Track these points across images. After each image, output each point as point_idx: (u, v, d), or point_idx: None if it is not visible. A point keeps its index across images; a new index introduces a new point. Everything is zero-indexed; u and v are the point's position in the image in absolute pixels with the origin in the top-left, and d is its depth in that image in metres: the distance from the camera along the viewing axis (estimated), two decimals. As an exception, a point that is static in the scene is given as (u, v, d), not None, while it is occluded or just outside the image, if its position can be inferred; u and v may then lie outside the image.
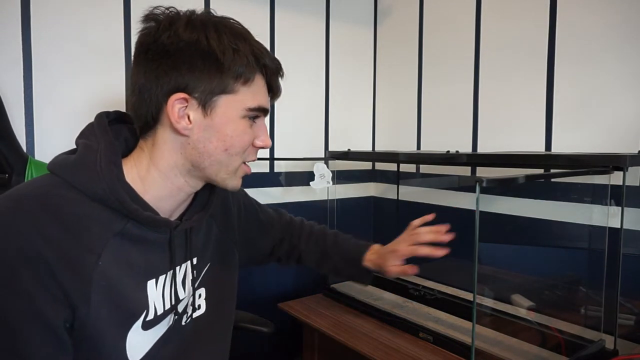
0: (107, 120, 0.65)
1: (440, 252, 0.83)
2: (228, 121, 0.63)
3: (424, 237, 0.87)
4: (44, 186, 0.59)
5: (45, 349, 0.56)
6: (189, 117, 0.62)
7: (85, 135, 0.65)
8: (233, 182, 0.68)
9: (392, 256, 0.88)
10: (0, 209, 0.56)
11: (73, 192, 0.58)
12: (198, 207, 0.73)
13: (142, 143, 0.66)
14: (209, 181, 0.68)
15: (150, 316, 0.65)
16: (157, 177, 0.64)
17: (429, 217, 0.90)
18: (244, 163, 0.69)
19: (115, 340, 0.60)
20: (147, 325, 0.64)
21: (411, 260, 0.88)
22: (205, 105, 0.62)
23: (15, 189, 0.59)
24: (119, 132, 0.66)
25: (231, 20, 0.65)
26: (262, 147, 0.69)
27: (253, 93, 0.64)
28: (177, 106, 0.61)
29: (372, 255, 0.92)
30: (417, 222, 0.90)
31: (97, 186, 0.58)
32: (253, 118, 0.66)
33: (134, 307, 0.62)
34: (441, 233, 0.86)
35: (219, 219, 0.82)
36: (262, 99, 0.66)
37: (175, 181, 0.65)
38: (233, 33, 0.62)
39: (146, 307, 0.64)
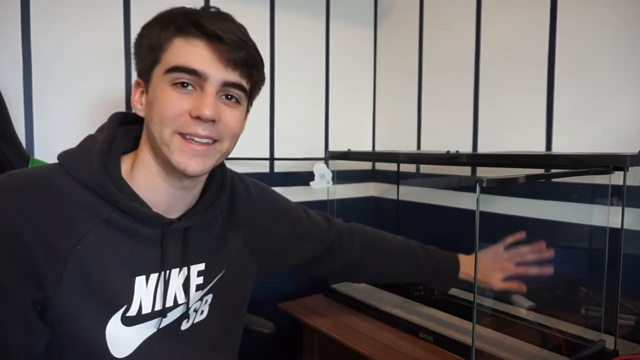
0: (121, 120, 0.68)
1: (547, 270, 0.94)
2: (156, 91, 0.62)
3: (530, 257, 0.97)
4: (40, 169, 0.62)
5: (11, 325, 0.57)
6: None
7: (97, 130, 0.69)
8: (174, 159, 0.61)
9: (499, 274, 0.99)
10: None
11: (66, 178, 0.61)
12: (202, 207, 0.70)
13: None
14: (168, 163, 0.63)
15: (132, 312, 0.63)
16: (141, 166, 0.65)
17: (521, 235, 1.00)
18: (182, 136, 0.61)
19: (91, 329, 0.60)
20: (128, 321, 0.63)
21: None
22: (146, 83, 0.64)
23: (17, 170, 0.63)
24: (129, 131, 0.69)
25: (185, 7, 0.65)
26: (198, 117, 0.60)
27: (171, 55, 0.61)
28: (136, 90, 0.66)
29: (466, 268, 1.03)
30: (510, 239, 1.00)
31: (85, 172, 0.60)
32: (184, 84, 0.61)
33: (112, 298, 0.61)
34: (543, 251, 0.96)
35: (247, 228, 0.80)
36: (181, 59, 0.60)
37: (152, 168, 0.65)
38: (167, 11, 0.64)
39: (128, 301, 0.63)
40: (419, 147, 1.58)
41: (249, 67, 0.63)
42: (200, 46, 0.60)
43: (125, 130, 0.68)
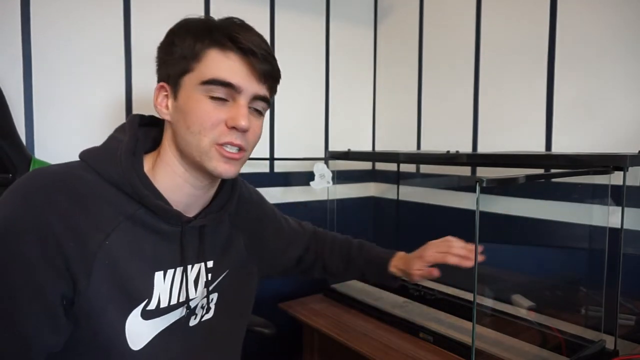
0: (139, 121, 0.71)
1: (468, 264, 0.85)
2: (188, 99, 0.65)
3: (456, 250, 0.87)
4: (67, 166, 0.64)
5: (37, 320, 0.58)
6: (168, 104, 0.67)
7: (116, 131, 0.71)
8: (211, 165, 0.65)
9: (417, 261, 0.90)
10: (23, 180, 0.60)
11: (93, 175, 0.63)
12: (216, 207, 0.74)
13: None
14: (198, 167, 0.67)
15: (152, 306, 0.66)
16: (164, 166, 0.68)
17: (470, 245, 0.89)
18: (219, 145, 0.65)
19: (114, 323, 0.62)
20: (147, 315, 0.65)
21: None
22: (175, 89, 0.66)
23: (42, 167, 0.65)
24: (148, 132, 0.71)
25: (212, 17, 0.68)
26: (234, 128, 0.64)
27: (206, 66, 0.64)
28: (159, 93, 0.68)
29: (398, 262, 0.94)
30: (453, 238, 0.90)
31: (113, 170, 0.63)
32: (218, 96, 0.64)
33: (135, 293, 0.64)
34: (471, 253, 0.85)
35: (249, 231, 0.83)
36: (218, 71, 0.63)
37: (176, 169, 0.68)
38: (198, 21, 0.66)
39: (149, 296, 0.65)
40: (419, 147, 1.58)
41: (274, 80, 0.69)
42: (236, 60, 0.64)
43: (144, 131, 0.70)
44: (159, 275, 0.66)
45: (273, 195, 1.51)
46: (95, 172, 0.63)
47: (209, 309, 0.76)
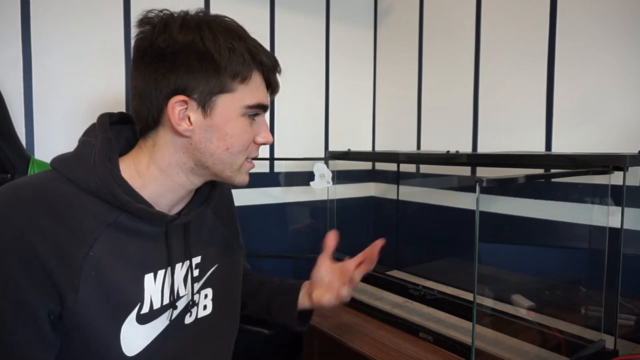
0: (109, 121, 0.67)
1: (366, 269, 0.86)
2: (228, 120, 0.64)
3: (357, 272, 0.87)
4: (41, 179, 0.61)
5: (26, 339, 0.57)
6: (189, 119, 0.63)
7: (87, 134, 0.67)
8: (239, 178, 0.69)
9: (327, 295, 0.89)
10: None
11: (68, 185, 0.60)
12: (198, 202, 0.73)
13: (141, 142, 0.67)
14: (215, 178, 0.69)
15: (145, 309, 0.65)
16: (157, 175, 0.65)
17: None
18: (248, 159, 0.69)
19: (107, 332, 0.61)
20: (142, 319, 0.64)
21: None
22: (204, 105, 0.62)
23: (15, 180, 0.62)
24: (120, 132, 0.68)
25: (225, 19, 0.65)
26: (264, 144, 0.69)
27: (251, 90, 0.65)
28: (178, 108, 0.62)
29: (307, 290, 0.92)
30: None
31: (90, 178, 0.60)
32: (253, 115, 0.67)
33: (126, 299, 0.63)
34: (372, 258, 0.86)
35: (226, 221, 0.83)
36: (261, 96, 0.67)
37: (177, 178, 0.66)
38: (228, 32, 0.63)
39: (140, 300, 0.64)
40: (419, 147, 1.58)
41: None
42: (261, 79, 0.67)
43: (116, 132, 0.67)
44: (149, 277, 0.65)
45: (273, 195, 1.51)
46: (71, 182, 0.60)
47: (205, 306, 0.75)
